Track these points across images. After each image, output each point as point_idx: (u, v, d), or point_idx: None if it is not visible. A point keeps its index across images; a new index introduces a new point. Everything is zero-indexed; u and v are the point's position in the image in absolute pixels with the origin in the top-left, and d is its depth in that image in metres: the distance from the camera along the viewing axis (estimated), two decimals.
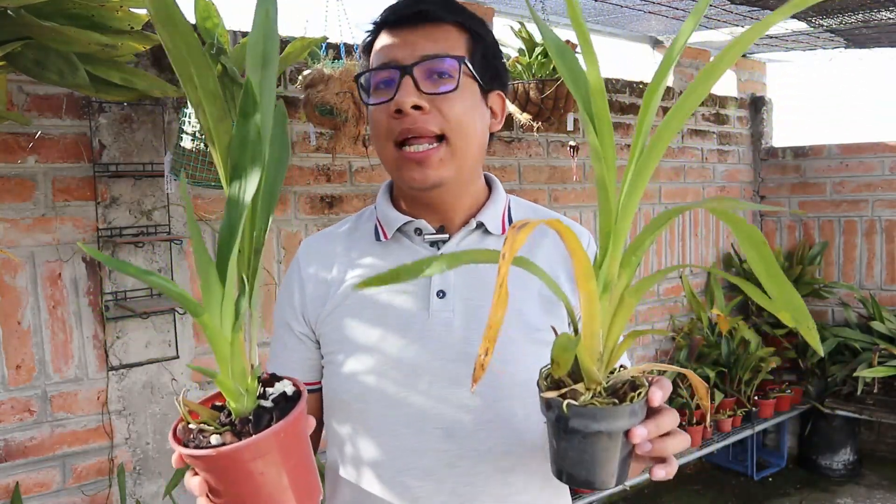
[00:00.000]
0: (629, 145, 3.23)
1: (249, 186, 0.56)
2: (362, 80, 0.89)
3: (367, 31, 0.92)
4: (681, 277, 3.55)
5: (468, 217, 0.92)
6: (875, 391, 3.33)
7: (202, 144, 1.62)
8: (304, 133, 2.18)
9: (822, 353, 0.56)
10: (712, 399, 3.19)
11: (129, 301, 1.85)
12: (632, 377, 0.63)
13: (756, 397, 3.35)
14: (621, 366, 0.67)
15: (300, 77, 1.78)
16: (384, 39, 0.87)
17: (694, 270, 3.68)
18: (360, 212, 1.01)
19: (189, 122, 1.65)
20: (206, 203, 2.01)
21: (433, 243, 0.92)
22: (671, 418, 0.65)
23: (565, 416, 0.59)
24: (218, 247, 0.57)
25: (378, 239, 0.93)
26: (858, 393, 3.29)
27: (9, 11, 1.13)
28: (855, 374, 3.22)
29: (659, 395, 0.63)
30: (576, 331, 0.62)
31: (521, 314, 0.87)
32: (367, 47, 0.91)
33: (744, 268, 3.76)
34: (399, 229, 0.92)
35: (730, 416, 3.21)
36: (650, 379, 0.66)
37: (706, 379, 3.24)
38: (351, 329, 0.89)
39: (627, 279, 0.59)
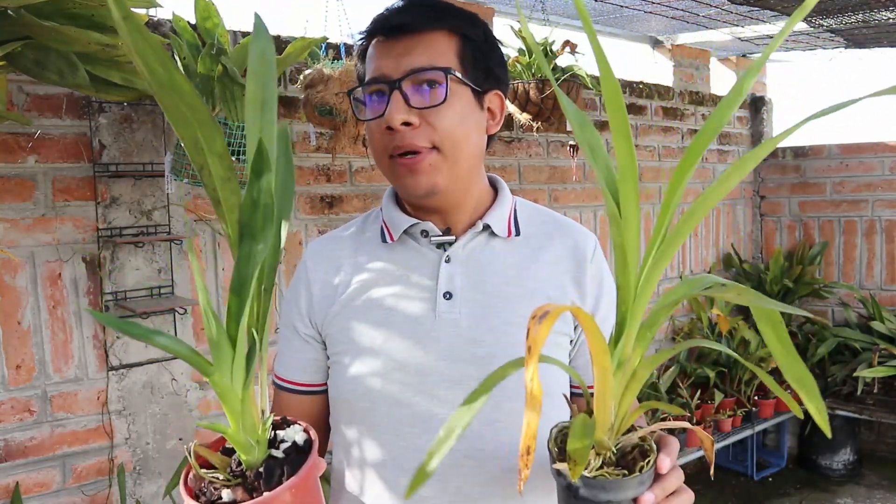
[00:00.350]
0: None
1: (260, 248, 0.55)
2: (356, 93, 0.90)
3: (360, 38, 0.92)
4: (680, 277, 3.55)
5: (473, 219, 0.93)
6: (875, 391, 3.33)
7: None
8: (304, 133, 2.18)
9: (829, 434, 0.56)
10: (712, 399, 3.19)
11: (129, 301, 1.85)
12: (640, 439, 0.64)
13: (756, 397, 3.35)
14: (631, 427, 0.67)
15: (300, 77, 1.78)
16: (373, 51, 0.88)
17: (694, 271, 3.68)
18: (366, 214, 1.01)
19: None
20: (207, 203, 2.01)
21: (440, 245, 0.92)
22: (676, 479, 0.66)
23: (575, 485, 0.60)
24: (228, 306, 0.57)
25: (384, 241, 0.93)
26: (858, 393, 3.29)
27: (9, 11, 1.13)
28: (855, 375, 3.22)
29: (667, 463, 0.64)
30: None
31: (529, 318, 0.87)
32: (362, 54, 0.92)
33: (744, 268, 3.76)
34: (405, 231, 0.92)
35: (730, 416, 3.21)
36: (657, 439, 0.67)
37: (706, 379, 3.24)
38: (358, 331, 0.89)
39: (641, 353, 0.60)
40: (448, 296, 0.88)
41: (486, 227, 0.92)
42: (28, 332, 1.75)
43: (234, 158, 1.64)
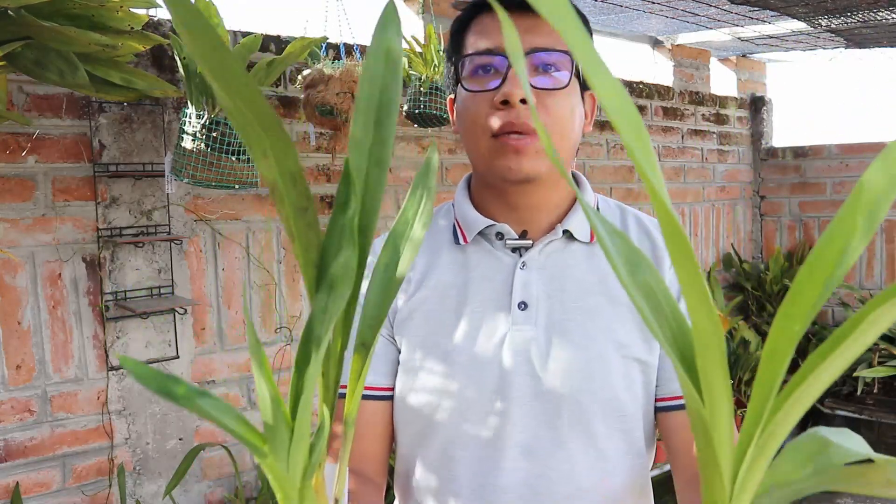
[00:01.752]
0: None
1: (339, 302, 0.41)
2: (464, 62, 0.82)
3: (463, 9, 0.85)
4: None
5: (553, 222, 0.86)
6: (875, 391, 3.33)
7: (203, 144, 1.62)
8: (305, 133, 2.18)
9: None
10: None
11: (129, 301, 1.85)
12: None
13: None
14: None
15: (300, 77, 1.78)
16: (487, 22, 0.82)
17: None
18: (437, 207, 0.92)
19: (189, 123, 1.65)
20: (207, 203, 2.01)
21: (515, 249, 0.86)
22: None
23: None
24: (293, 375, 0.42)
25: (457, 242, 0.87)
26: (858, 393, 3.29)
27: (9, 11, 1.13)
28: (855, 375, 3.22)
29: None
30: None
31: (611, 331, 0.83)
32: (462, 27, 0.84)
33: (744, 268, 3.76)
34: (480, 233, 0.86)
35: None
36: None
37: None
38: (427, 335, 0.84)
39: None
40: (523, 306, 0.83)
41: (566, 232, 0.86)
42: (28, 332, 1.75)
43: (233, 158, 1.64)
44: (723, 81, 3.89)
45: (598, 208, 0.91)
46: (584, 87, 0.85)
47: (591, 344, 0.82)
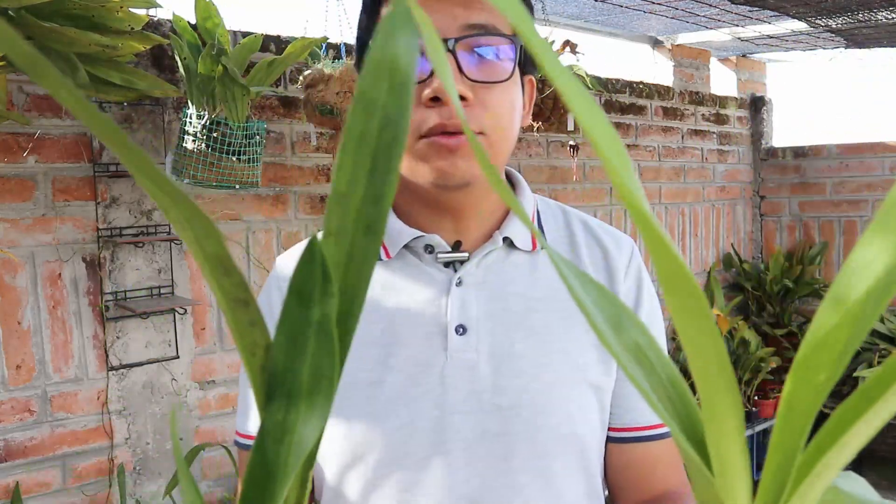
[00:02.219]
0: (628, 145, 3.23)
1: (304, 420, 0.28)
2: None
3: None
4: None
5: (490, 229, 0.75)
6: None
7: (203, 145, 1.62)
8: (304, 133, 2.18)
9: None
10: None
11: (128, 301, 1.85)
12: None
13: (756, 397, 3.35)
14: None
15: (300, 77, 1.78)
16: None
17: (694, 270, 3.68)
18: None
19: (190, 123, 1.65)
20: (207, 203, 2.02)
21: (448, 264, 0.73)
22: None
23: None
24: None
25: (379, 258, 0.71)
26: None
27: (9, 12, 1.13)
28: (855, 374, 3.22)
29: None
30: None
31: (566, 353, 0.72)
32: (377, 2, 0.70)
33: (744, 268, 3.76)
34: (406, 246, 0.73)
35: None
36: None
37: None
38: (347, 375, 0.69)
39: None
40: (461, 330, 0.70)
41: (505, 240, 0.74)
42: (28, 332, 1.75)
43: (234, 158, 1.64)
44: (723, 81, 3.89)
45: (538, 213, 0.80)
46: (525, 71, 0.72)
47: (544, 371, 0.70)
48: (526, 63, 0.72)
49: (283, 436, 0.28)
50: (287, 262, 0.78)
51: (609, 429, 0.76)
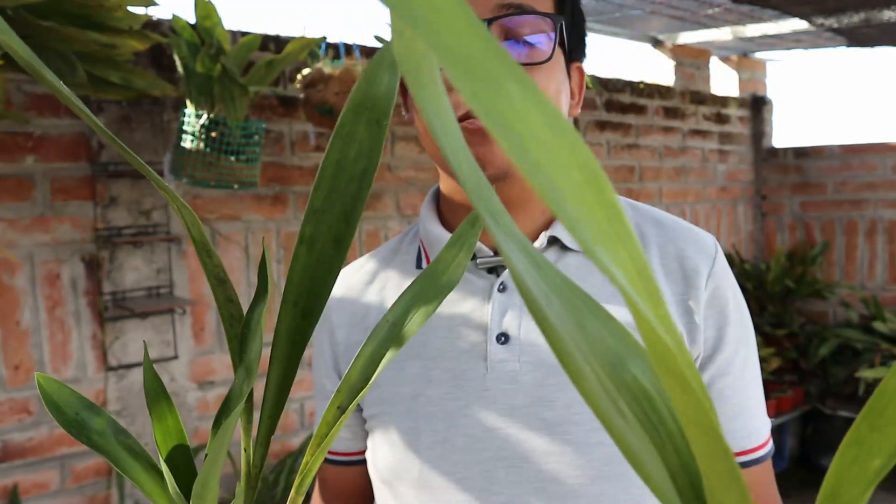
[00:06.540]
0: (629, 145, 3.23)
1: (247, 388, 0.37)
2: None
3: None
4: None
5: (537, 229, 0.69)
6: None
7: (202, 144, 1.62)
8: (304, 133, 2.17)
9: None
10: None
11: (127, 301, 1.84)
12: None
13: None
14: None
15: (299, 76, 1.77)
16: None
17: None
18: (405, 231, 0.78)
19: (189, 122, 1.64)
20: (206, 203, 2.01)
21: (491, 269, 0.69)
22: None
23: None
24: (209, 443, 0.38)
25: (419, 266, 0.71)
26: (860, 394, 3.28)
27: (8, 11, 1.13)
28: (856, 375, 3.22)
29: None
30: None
31: None
32: None
33: (745, 268, 3.75)
34: None
35: None
36: None
37: None
38: (391, 388, 0.68)
39: None
40: (503, 338, 0.66)
41: (554, 241, 0.68)
42: (26, 332, 1.75)
43: (233, 158, 1.64)
44: (724, 81, 3.88)
45: None
46: (569, 57, 0.68)
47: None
48: (574, 49, 0.68)
49: (239, 395, 0.36)
50: (339, 280, 0.75)
51: None
